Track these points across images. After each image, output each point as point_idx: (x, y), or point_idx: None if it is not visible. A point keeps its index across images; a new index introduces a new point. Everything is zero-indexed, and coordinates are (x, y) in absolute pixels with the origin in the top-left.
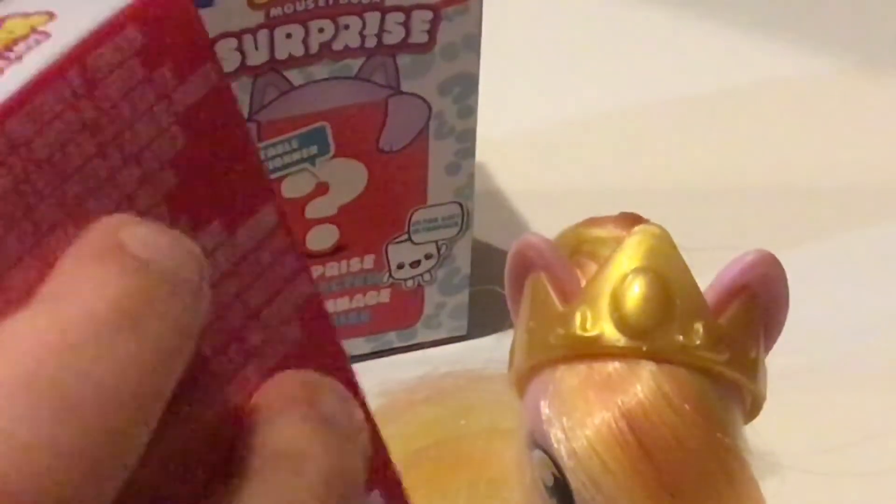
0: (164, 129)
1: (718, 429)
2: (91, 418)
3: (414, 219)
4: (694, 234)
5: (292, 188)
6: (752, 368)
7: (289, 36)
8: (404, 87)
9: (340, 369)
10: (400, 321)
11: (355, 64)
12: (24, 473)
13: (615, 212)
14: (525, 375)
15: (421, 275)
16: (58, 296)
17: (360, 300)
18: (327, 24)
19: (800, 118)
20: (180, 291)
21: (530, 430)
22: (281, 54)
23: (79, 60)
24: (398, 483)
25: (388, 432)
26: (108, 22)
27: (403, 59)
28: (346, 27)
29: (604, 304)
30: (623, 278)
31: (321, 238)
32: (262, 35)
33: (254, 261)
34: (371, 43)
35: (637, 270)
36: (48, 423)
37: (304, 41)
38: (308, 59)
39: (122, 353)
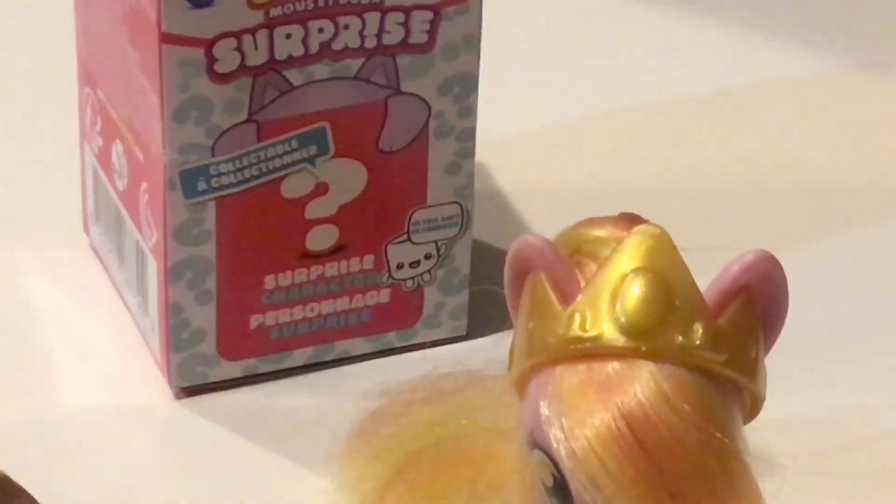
0: None
1: (718, 429)
2: None
3: (414, 219)
4: (694, 234)
5: (292, 188)
6: (752, 368)
7: (288, 36)
8: (404, 87)
9: None
10: (400, 321)
11: (355, 64)
12: None
13: (615, 212)
14: (525, 375)
15: (421, 275)
16: None
17: (360, 300)
18: (327, 25)
19: (800, 118)
20: None
21: (530, 430)
22: (280, 54)
23: None
24: None
25: (388, 432)
26: None
27: (403, 59)
28: (346, 27)
29: (603, 304)
30: (623, 278)
31: (321, 238)
32: (262, 35)
33: None
34: (371, 43)
35: (637, 270)
36: None
37: (304, 41)
38: (308, 59)
39: None
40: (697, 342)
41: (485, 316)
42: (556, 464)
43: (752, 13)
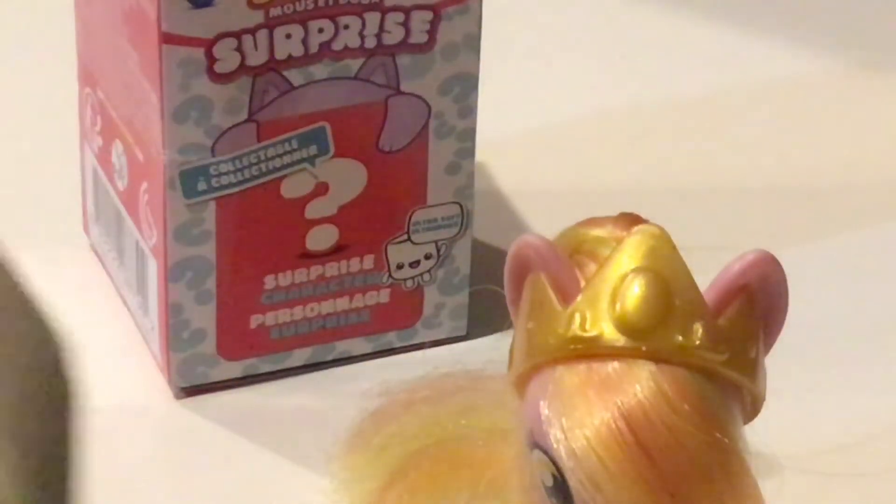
0: None
1: (718, 429)
2: None
3: (414, 219)
4: (694, 234)
5: (292, 188)
6: (752, 368)
7: (288, 36)
8: (404, 87)
9: None
10: (400, 321)
11: (355, 64)
12: None
13: (615, 212)
14: (524, 376)
15: (421, 275)
16: None
17: (359, 300)
18: (327, 24)
19: (799, 118)
20: None
21: (530, 430)
22: (280, 54)
23: None
24: None
25: (388, 432)
26: None
27: (403, 59)
28: (346, 27)
29: (603, 304)
30: (623, 278)
31: (321, 238)
32: (262, 35)
33: None
34: (371, 43)
35: (637, 270)
36: None
37: (304, 41)
38: (308, 59)
39: None
40: (697, 342)
41: (485, 316)
42: (555, 464)
43: (750, 13)
